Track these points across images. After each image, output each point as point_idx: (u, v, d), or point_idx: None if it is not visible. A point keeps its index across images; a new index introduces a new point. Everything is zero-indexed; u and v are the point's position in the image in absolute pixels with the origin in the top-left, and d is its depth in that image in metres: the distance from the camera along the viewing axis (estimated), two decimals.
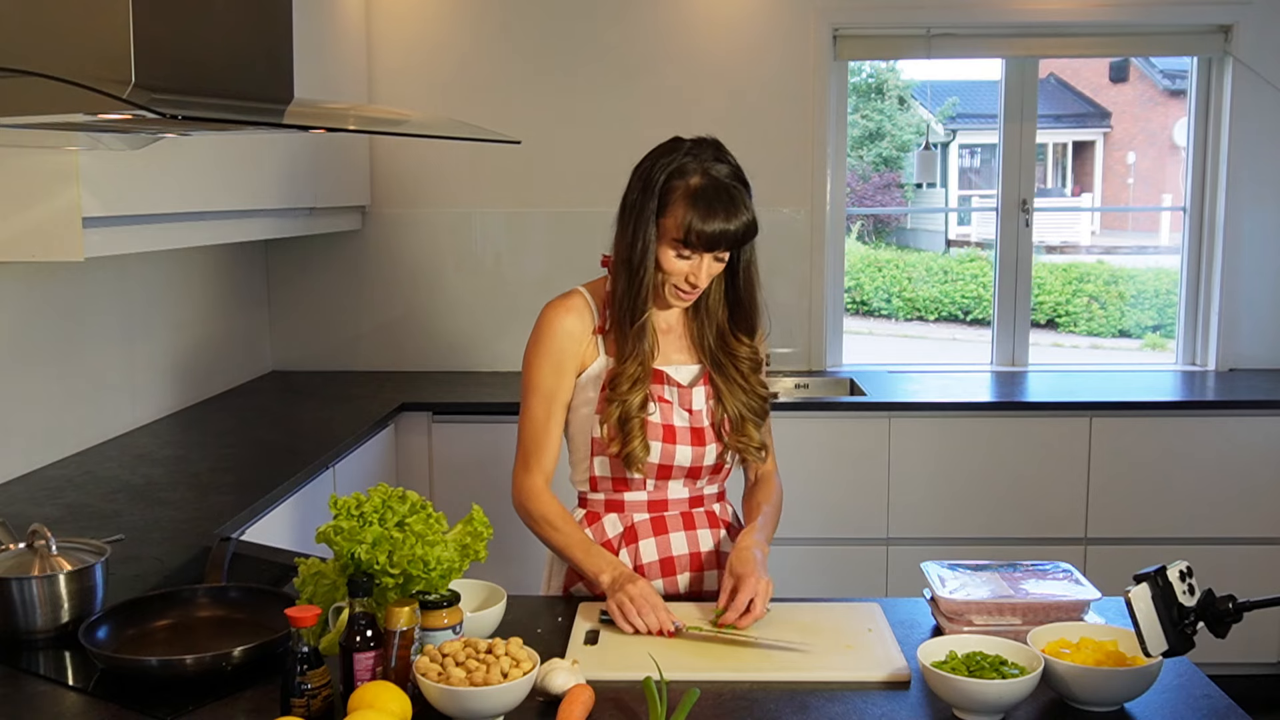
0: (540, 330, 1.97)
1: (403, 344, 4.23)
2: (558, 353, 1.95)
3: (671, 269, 1.88)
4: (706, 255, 1.87)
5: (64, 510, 2.40)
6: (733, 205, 1.84)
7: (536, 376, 1.97)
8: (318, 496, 2.79)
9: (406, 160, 4.14)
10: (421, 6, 4.08)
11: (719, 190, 1.84)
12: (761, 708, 1.49)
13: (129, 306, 3.17)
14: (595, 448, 1.96)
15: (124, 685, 1.52)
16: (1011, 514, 3.67)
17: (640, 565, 1.96)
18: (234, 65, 1.82)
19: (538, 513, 1.95)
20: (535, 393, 1.98)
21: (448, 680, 1.40)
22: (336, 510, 1.58)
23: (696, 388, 1.98)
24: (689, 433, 1.95)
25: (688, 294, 1.91)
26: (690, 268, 1.87)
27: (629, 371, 1.91)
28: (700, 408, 1.97)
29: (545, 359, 1.96)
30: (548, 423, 1.97)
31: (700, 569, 1.99)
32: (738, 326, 2.00)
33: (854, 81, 4.59)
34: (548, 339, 1.96)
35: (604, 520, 1.99)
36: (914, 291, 6.63)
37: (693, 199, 1.84)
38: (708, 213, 1.83)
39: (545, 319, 1.97)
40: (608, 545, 1.97)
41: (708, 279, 1.90)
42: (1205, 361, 4.25)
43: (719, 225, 1.83)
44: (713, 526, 2.02)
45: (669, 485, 1.97)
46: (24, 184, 2.24)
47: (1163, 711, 1.48)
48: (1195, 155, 4.24)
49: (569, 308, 1.97)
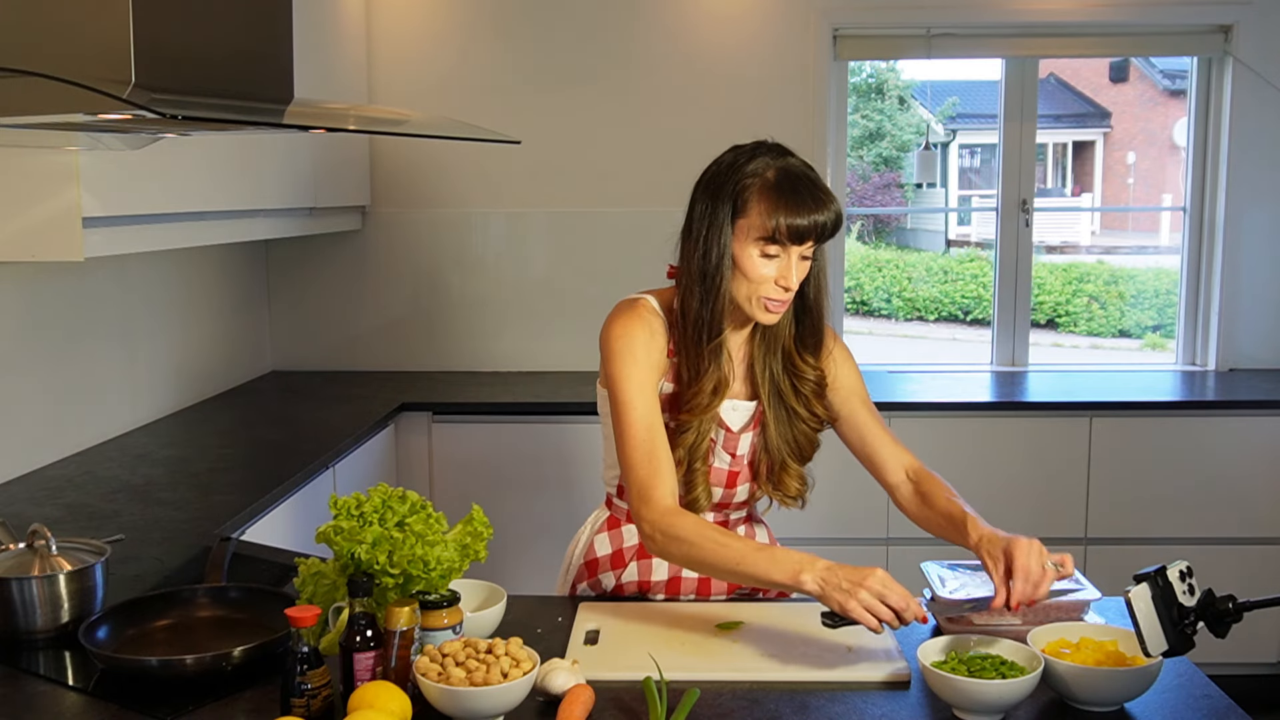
0: (622, 343, 1.77)
1: (403, 344, 4.23)
2: (644, 368, 1.76)
3: (758, 275, 1.71)
4: (795, 253, 1.71)
5: (64, 510, 2.40)
6: (819, 191, 1.71)
7: (627, 394, 1.75)
8: (318, 496, 2.79)
9: (406, 160, 4.14)
10: (421, 7, 4.08)
11: (800, 178, 1.71)
12: (761, 708, 1.49)
13: (129, 306, 3.17)
14: None
15: (124, 685, 1.52)
16: (1011, 514, 3.67)
17: (647, 581, 1.94)
18: (234, 65, 1.82)
19: (687, 531, 1.68)
20: (629, 411, 1.75)
21: (448, 680, 1.40)
22: (336, 510, 1.58)
23: (746, 434, 1.87)
24: (724, 474, 1.88)
25: (779, 302, 1.74)
26: (781, 269, 1.72)
27: (705, 390, 1.76)
28: (744, 453, 1.88)
29: (630, 376, 1.75)
30: (652, 442, 1.74)
31: (708, 595, 1.94)
32: (804, 345, 1.85)
33: (854, 81, 4.59)
34: (632, 354, 1.76)
35: (623, 528, 1.95)
36: (914, 291, 6.63)
37: (775, 190, 1.69)
38: (794, 201, 1.68)
39: (627, 330, 1.78)
40: (619, 554, 1.94)
41: (798, 281, 1.73)
42: (1205, 361, 4.25)
43: (809, 213, 1.68)
44: None
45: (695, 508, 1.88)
46: (24, 184, 2.24)
47: (1163, 711, 1.48)
48: (1195, 155, 4.23)
49: (645, 319, 1.79)
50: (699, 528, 1.68)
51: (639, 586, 1.95)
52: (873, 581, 1.56)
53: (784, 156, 1.76)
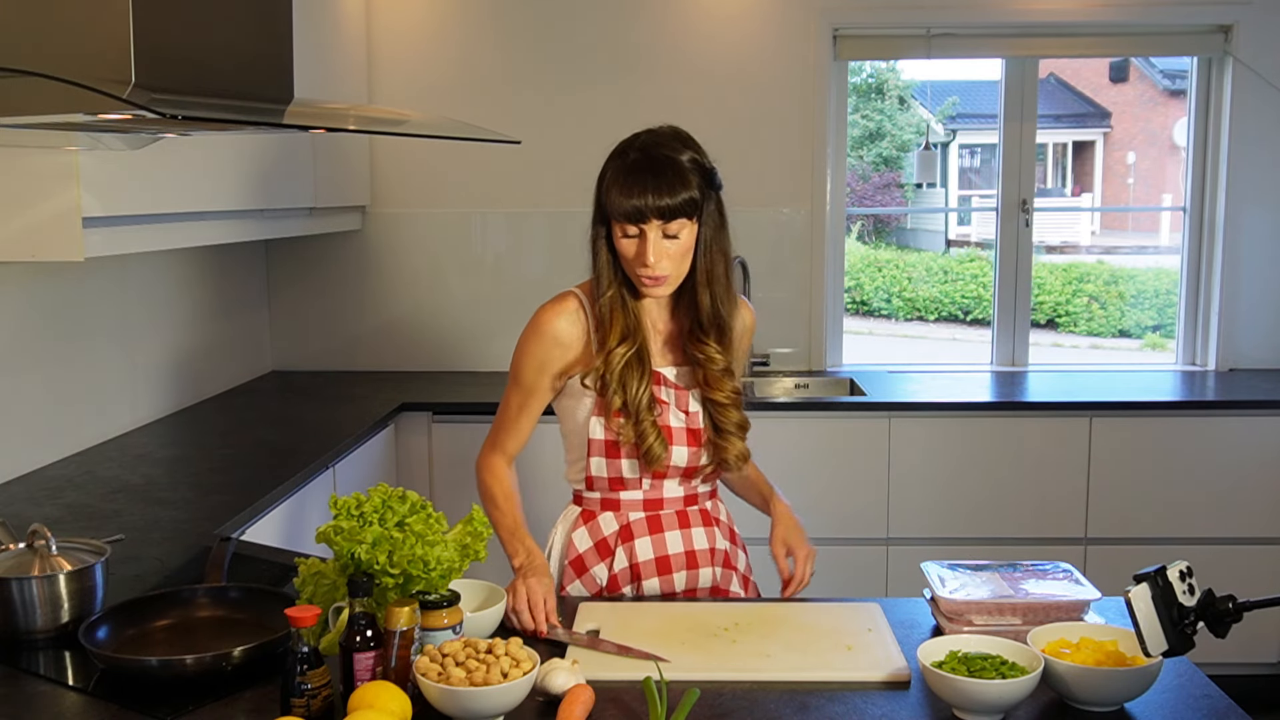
0: (530, 330, 2.01)
1: (403, 344, 4.23)
2: (543, 354, 1.98)
3: (622, 252, 1.89)
4: (652, 234, 1.84)
5: (64, 510, 2.40)
6: (660, 177, 1.82)
7: (520, 369, 2.02)
8: (318, 496, 2.79)
9: (406, 160, 4.14)
10: (421, 7, 4.08)
11: (649, 163, 1.84)
12: (761, 708, 1.49)
13: (129, 306, 3.17)
14: (592, 448, 1.96)
15: (124, 685, 1.52)
16: (1011, 514, 3.67)
17: (636, 564, 1.98)
18: (234, 65, 1.82)
19: (486, 487, 2.03)
20: (515, 383, 2.03)
21: (448, 680, 1.40)
22: (336, 510, 1.58)
23: (693, 390, 1.98)
24: (685, 433, 1.96)
25: (648, 280, 1.88)
26: (638, 248, 1.86)
27: (613, 335, 1.92)
28: (696, 410, 1.98)
29: (530, 357, 2.00)
30: (520, 414, 2.03)
31: (696, 567, 2.01)
32: (702, 329, 1.96)
33: (854, 81, 4.59)
34: (535, 340, 1.99)
35: (599, 519, 2.01)
36: (914, 291, 6.63)
37: (624, 174, 1.85)
38: (631, 183, 1.83)
39: (537, 320, 2.00)
40: (603, 544, 1.99)
41: (658, 258, 1.85)
42: (1205, 361, 4.25)
43: (641, 195, 1.81)
44: (706, 525, 2.03)
45: (664, 484, 1.99)
46: (24, 184, 2.24)
47: (1163, 711, 1.48)
48: (1195, 155, 4.23)
49: (561, 311, 1.99)
50: (495, 489, 2.02)
51: (631, 573, 1.98)
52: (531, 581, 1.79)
53: (659, 141, 1.87)
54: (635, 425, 1.91)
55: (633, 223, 1.84)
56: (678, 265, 1.88)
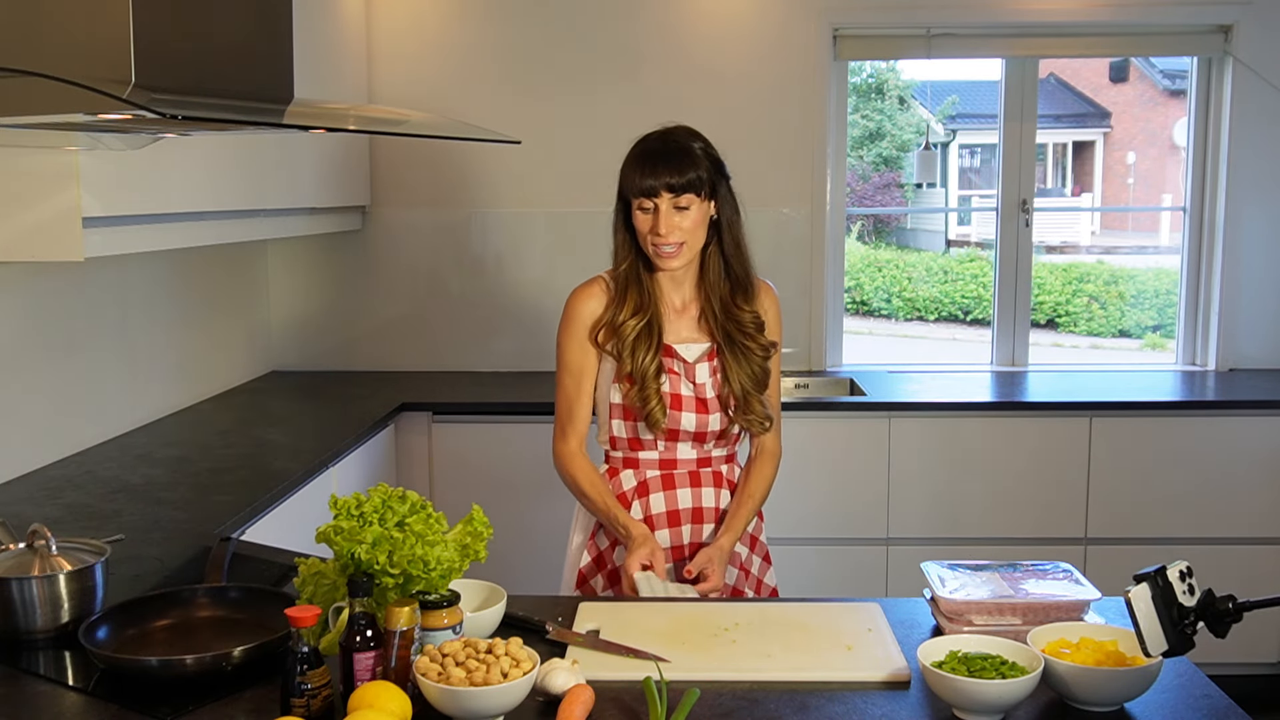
0: (565, 314, 2.22)
1: (403, 344, 4.23)
2: (580, 332, 2.20)
3: (638, 226, 2.11)
4: (664, 206, 2.07)
5: (64, 510, 2.40)
6: (668, 156, 2.07)
7: (564, 354, 2.22)
8: (318, 496, 2.79)
9: (406, 160, 4.14)
10: (421, 7, 4.08)
11: (662, 147, 2.09)
12: (761, 708, 1.49)
13: (129, 306, 3.17)
14: (613, 411, 2.18)
15: (124, 685, 1.52)
16: (1011, 514, 3.67)
17: (649, 516, 2.19)
18: (234, 65, 1.82)
19: (571, 480, 2.22)
20: (564, 369, 2.23)
21: (448, 680, 1.40)
22: (336, 510, 1.58)
23: (701, 364, 2.18)
24: (694, 401, 2.17)
25: (664, 252, 2.10)
26: (651, 221, 2.09)
27: (630, 323, 2.13)
28: (705, 381, 2.18)
29: (571, 338, 2.21)
30: (578, 394, 2.23)
31: (702, 522, 2.22)
32: (736, 292, 2.20)
33: (854, 81, 4.59)
34: (571, 321, 2.21)
35: (621, 475, 2.23)
36: (914, 291, 6.63)
37: (636, 158, 2.11)
38: (644, 164, 2.08)
39: (568, 306, 2.22)
40: (623, 497, 2.21)
41: (669, 229, 2.08)
42: (1205, 361, 4.25)
43: (650, 173, 2.06)
44: (718, 486, 2.23)
45: (678, 446, 2.20)
46: (24, 184, 2.24)
47: (1163, 711, 1.48)
48: (1195, 155, 4.24)
49: (590, 293, 2.21)
50: (579, 476, 2.20)
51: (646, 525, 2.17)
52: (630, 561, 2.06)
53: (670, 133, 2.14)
54: (640, 391, 2.12)
55: (647, 197, 2.07)
56: (688, 236, 2.11)
